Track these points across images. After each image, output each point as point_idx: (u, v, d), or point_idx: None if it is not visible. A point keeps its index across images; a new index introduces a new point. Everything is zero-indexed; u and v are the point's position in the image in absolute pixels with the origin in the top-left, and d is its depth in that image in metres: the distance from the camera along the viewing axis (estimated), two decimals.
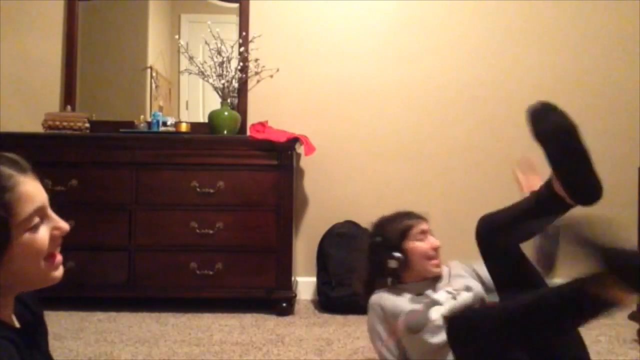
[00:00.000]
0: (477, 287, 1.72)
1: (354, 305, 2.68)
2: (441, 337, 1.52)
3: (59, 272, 0.94)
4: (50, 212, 0.92)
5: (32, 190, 0.88)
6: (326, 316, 2.66)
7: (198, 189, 2.63)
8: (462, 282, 1.75)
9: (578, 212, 1.34)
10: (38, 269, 0.90)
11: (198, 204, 2.63)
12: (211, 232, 2.63)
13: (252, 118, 3.03)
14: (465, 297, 1.67)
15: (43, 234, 0.89)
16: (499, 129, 3.06)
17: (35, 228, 0.88)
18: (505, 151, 3.00)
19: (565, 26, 3.11)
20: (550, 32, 3.11)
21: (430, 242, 1.79)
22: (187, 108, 3.14)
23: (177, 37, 3.06)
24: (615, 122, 3.10)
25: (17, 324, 0.95)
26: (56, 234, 0.92)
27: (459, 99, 3.08)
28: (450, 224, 2.74)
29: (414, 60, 3.10)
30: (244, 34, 3.04)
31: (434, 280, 1.79)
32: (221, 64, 2.94)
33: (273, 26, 3.10)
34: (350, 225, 2.92)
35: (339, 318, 2.61)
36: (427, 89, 3.10)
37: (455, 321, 1.45)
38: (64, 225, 0.93)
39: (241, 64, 2.99)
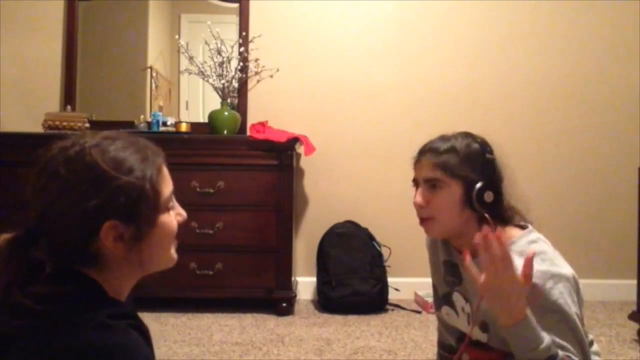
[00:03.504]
0: (497, 329, 1.18)
1: (354, 305, 2.69)
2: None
3: (176, 256, 0.96)
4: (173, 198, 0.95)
5: (168, 174, 0.92)
6: (326, 316, 2.66)
7: (198, 189, 2.63)
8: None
9: None
10: (169, 250, 0.93)
11: (198, 204, 2.62)
12: (211, 232, 2.63)
13: (252, 118, 3.03)
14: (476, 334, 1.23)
15: (174, 217, 0.93)
16: (499, 129, 3.05)
17: (170, 209, 0.91)
18: (505, 150, 2.99)
19: (565, 26, 3.11)
20: (551, 32, 3.10)
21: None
22: (187, 108, 3.13)
23: (177, 37, 3.06)
24: (615, 122, 3.10)
25: None
26: (179, 220, 0.94)
27: (459, 98, 3.08)
28: None
29: (414, 61, 3.10)
30: (244, 34, 3.04)
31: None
32: (221, 64, 2.94)
33: (273, 26, 3.09)
34: (350, 225, 2.92)
35: (339, 318, 2.61)
36: (427, 88, 3.10)
37: None
38: (184, 213, 0.95)
39: (241, 64, 2.99)
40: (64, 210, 0.81)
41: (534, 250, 1.18)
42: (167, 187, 0.91)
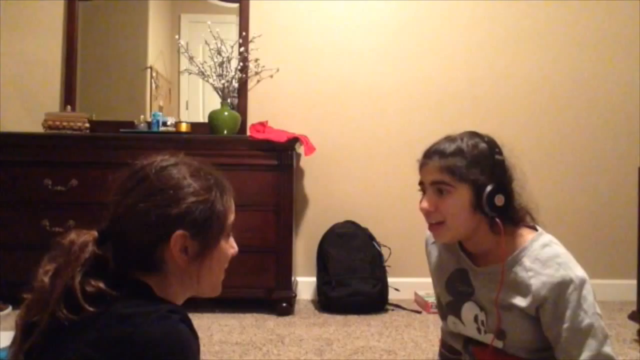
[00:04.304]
0: (514, 337, 1.23)
1: (354, 305, 2.69)
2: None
3: (221, 287, 1.02)
4: None
5: (233, 205, 1.00)
6: (326, 316, 2.66)
7: None
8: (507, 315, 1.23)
9: None
10: (220, 278, 0.99)
11: None
12: None
13: (252, 118, 3.03)
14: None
15: (229, 247, 0.99)
16: (498, 129, 3.04)
17: (228, 238, 0.98)
18: (504, 150, 3.00)
19: (566, 26, 3.11)
20: (551, 32, 3.10)
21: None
22: (187, 108, 3.13)
23: (177, 37, 3.06)
24: (615, 122, 3.10)
25: None
26: (232, 253, 1.00)
27: (459, 98, 3.08)
28: None
29: (414, 60, 3.10)
30: (244, 34, 3.04)
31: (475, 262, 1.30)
32: (221, 64, 2.94)
33: (273, 26, 3.09)
34: (350, 225, 2.92)
35: (339, 318, 2.61)
36: (427, 88, 3.10)
37: None
38: (236, 247, 1.01)
39: (241, 64, 2.99)
40: (145, 212, 0.87)
41: (549, 254, 1.19)
42: (232, 215, 0.98)
